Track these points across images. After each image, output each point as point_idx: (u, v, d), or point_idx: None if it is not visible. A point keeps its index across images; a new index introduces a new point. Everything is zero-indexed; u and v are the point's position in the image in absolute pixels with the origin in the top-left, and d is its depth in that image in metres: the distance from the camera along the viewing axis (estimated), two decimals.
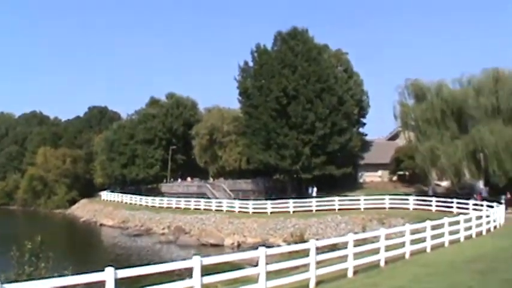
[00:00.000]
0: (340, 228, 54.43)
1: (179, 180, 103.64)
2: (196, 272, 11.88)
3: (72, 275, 10.71)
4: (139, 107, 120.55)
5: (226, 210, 68.17)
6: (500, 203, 48.54)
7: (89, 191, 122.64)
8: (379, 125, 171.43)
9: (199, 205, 73.62)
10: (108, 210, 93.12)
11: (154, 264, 11.91)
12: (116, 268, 10.33)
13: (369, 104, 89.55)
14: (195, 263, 11.93)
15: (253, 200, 70.48)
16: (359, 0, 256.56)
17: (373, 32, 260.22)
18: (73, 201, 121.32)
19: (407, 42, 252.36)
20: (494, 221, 37.99)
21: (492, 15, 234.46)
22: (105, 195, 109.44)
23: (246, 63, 78.53)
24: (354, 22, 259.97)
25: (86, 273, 10.05)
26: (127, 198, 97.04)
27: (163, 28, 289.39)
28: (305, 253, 16.19)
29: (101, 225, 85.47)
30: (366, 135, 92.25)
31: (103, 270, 10.07)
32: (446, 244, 27.09)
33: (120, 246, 60.53)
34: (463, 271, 18.60)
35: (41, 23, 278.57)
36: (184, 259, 12.55)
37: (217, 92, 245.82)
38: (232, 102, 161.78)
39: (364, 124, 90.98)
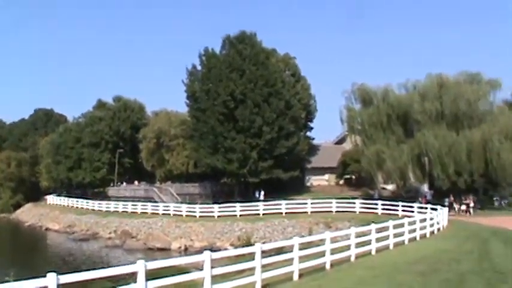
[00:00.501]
0: (287, 231, 54.55)
1: (124, 184, 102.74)
2: (141, 277, 11.79)
3: (14, 281, 10.51)
4: (86, 110, 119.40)
5: (173, 214, 67.77)
6: (444, 206, 49.38)
7: (35, 194, 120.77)
8: (326, 129, 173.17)
9: (146, 209, 73.08)
10: (54, 214, 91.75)
11: (98, 269, 11.77)
12: (59, 273, 10.18)
13: (316, 108, 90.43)
14: (139, 267, 11.82)
15: (201, 204, 70.24)
16: (306, 5, 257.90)
17: (320, 36, 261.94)
18: (18, 206, 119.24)
19: (353, 47, 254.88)
20: (438, 223, 38.58)
21: (435, 21, 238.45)
22: (51, 199, 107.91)
23: (194, 66, 78.51)
24: (301, 27, 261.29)
25: (28, 278, 9.88)
26: (73, 202, 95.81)
27: (110, 30, 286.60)
28: (251, 257, 16.20)
29: (47, 229, 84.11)
30: (313, 139, 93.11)
31: (45, 276, 9.92)
32: (391, 247, 27.41)
33: (66, 251, 59.66)
34: (406, 272, 18.85)
35: None
36: (129, 264, 12.39)
37: (165, 96, 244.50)
38: (180, 105, 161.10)
39: (312, 128, 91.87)
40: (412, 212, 48.57)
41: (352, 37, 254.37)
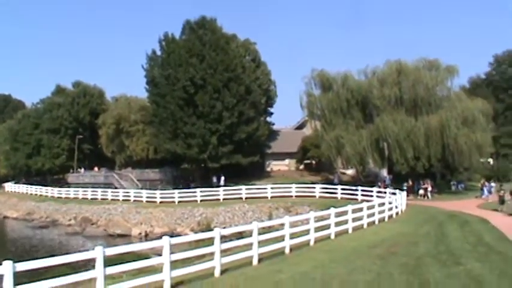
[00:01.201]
0: (248, 216, 54.76)
1: (83, 170, 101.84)
2: (99, 263, 11.79)
3: None
4: (45, 96, 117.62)
5: (134, 200, 67.65)
6: (403, 190, 50.06)
7: None
8: (286, 114, 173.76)
9: (106, 195, 72.79)
10: (12, 201, 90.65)
11: (57, 256, 11.72)
12: (15, 261, 10.12)
13: (277, 93, 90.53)
14: (98, 253, 11.82)
15: (161, 189, 70.09)
16: None
17: (279, 22, 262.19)
18: None
19: (313, 34, 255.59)
20: (397, 207, 39.14)
21: (396, 8, 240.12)
22: (8, 186, 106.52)
23: (153, 52, 77.92)
24: (262, 12, 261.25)
25: None
26: (32, 189, 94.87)
27: (68, 14, 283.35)
28: (211, 242, 16.28)
29: (5, 217, 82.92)
30: (273, 124, 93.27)
31: (1, 264, 9.85)
32: (350, 231, 27.73)
33: (25, 239, 59.00)
34: (364, 256, 19.12)
35: None
36: (88, 250, 12.38)
37: (125, 81, 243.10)
38: (139, 91, 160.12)
39: (272, 113, 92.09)
40: (371, 196, 49.04)
41: (311, 23, 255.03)
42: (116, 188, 77.68)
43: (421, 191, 59.03)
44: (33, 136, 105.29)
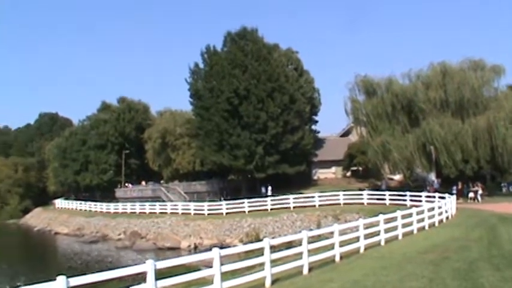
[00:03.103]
0: (296, 225, 54.56)
1: (130, 185, 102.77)
2: (150, 276, 11.82)
3: (25, 285, 10.53)
4: (91, 113, 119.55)
5: (182, 213, 67.92)
6: (452, 194, 49.32)
7: (43, 199, 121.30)
8: (331, 122, 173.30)
9: (154, 209, 73.25)
10: (63, 218, 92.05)
11: (108, 270, 11.79)
12: (68, 276, 10.20)
13: (321, 101, 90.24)
14: (149, 267, 11.84)
15: (208, 201, 70.30)
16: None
17: (321, 29, 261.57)
18: (27, 211, 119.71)
19: (355, 39, 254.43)
20: (446, 211, 38.50)
21: (437, 9, 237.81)
22: (59, 203, 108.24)
23: (196, 65, 78.44)
24: (302, 21, 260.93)
25: (39, 282, 9.90)
26: (81, 205, 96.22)
27: (112, 32, 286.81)
28: (260, 252, 16.22)
29: (56, 233, 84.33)
30: (319, 132, 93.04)
31: (55, 279, 9.93)
32: (400, 237, 27.37)
33: (76, 254, 59.77)
34: (416, 262, 18.83)
35: None
36: (139, 264, 12.41)
37: (169, 95, 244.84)
38: (184, 104, 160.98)
39: (316, 122, 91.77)
40: (420, 201, 48.43)
41: (353, 29, 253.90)
42: (163, 201, 78.15)
43: (471, 194, 58.10)
44: (81, 153, 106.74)
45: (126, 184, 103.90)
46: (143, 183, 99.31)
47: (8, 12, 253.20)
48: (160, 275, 12.11)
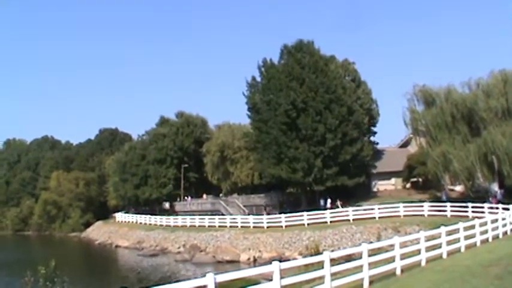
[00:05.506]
0: (356, 238, 54.11)
1: (189, 198, 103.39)
2: None
3: None
4: (150, 127, 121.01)
5: (241, 226, 68.13)
6: None
7: (103, 213, 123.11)
8: (390, 132, 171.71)
9: (213, 222, 73.59)
10: (123, 231, 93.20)
11: (168, 283, 11.80)
12: None
13: (379, 112, 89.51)
14: (209, 280, 11.85)
15: (267, 214, 70.29)
16: (362, 7, 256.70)
17: (377, 39, 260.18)
18: (88, 224, 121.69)
19: (412, 48, 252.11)
20: (511, 223, 37.66)
21: (494, 17, 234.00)
22: (119, 216, 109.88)
23: (253, 78, 78.81)
24: (358, 31, 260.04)
25: None
26: (141, 218, 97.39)
27: (169, 47, 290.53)
28: (320, 265, 16.08)
29: (117, 246, 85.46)
30: (377, 143, 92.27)
31: None
32: (463, 249, 26.89)
33: (136, 267, 60.38)
34: (480, 276, 18.42)
35: (49, 47, 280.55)
36: (199, 277, 12.42)
37: (227, 109, 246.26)
38: (242, 117, 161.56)
39: (375, 133, 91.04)
40: (483, 212, 47.57)
41: (410, 38, 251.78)
42: (222, 214, 78.47)
43: None
44: (140, 167, 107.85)
45: (185, 198, 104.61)
46: (204, 196, 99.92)
47: (71, 32, 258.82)
48: None
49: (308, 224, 61.31)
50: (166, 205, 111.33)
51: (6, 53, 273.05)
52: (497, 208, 46.42)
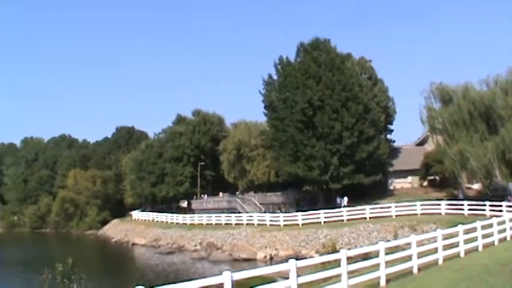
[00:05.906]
0: (372, 236, 53.98)
1: (205, 196, 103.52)
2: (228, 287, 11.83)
3: None
4: (166, 125, 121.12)
5: (257, 224, 68.08)
6: None
7: (120, 211, 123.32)
8: (407, 130, 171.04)
9: (230, 220, 73.73)
10: (140, 229, 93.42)
11: (185, 281, 11.81)
12: (148, 287, 10.29)
13: (395, 110, 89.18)
14: (226, 278, 11.85)
15: (284, 212, 70.25)
16: (379, 4, 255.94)
17: (394, 37, 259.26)
18: (104, 222, 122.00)
19: (430, 45, 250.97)
20: None
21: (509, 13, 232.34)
22: (136, 214, 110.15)
23: (270, 76, 78.72)
24: (375, 28, 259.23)
25: None
26: (158, 216, 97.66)
27: (186, 45, 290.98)
28: (337, 263, 16.04)
29: (133, 244, 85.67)
30: (394, 141, 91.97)
31: None
32: (480, 248, 26.73)
33: (153, 265, 60.59)
34: (498, 275, 18.34)
35: (65, 47, 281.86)
36: (216, 275, 12.43)
37: (243, 107, 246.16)
38: (258, 115, 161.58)
39: (392, 131, 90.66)
40: (501, 211, 47.37)
41: (427, 36, 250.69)
42: (239, 212, 78.54)
43: None
44: (157, 165, 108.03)
45: (202, 196, 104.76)
46: (220, 194, 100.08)
47: (88, 33, 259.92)
48: (237, 286, 12.10)
49: (325, 222, 61.25)
50: (183, 203, 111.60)
51: (19, 52, 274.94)
52: None
